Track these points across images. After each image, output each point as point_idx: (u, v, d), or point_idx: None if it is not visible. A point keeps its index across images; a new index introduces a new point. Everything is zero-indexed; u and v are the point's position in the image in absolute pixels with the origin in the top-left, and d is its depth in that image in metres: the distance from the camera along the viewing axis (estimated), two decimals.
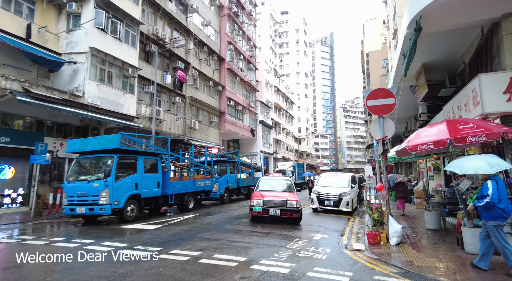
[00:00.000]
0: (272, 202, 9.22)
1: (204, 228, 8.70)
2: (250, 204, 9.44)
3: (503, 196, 4.74)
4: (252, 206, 9.34)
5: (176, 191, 11.93)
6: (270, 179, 11.83)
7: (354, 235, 8.34)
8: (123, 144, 9.64)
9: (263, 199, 9.33)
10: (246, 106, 33.82)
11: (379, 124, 7.75)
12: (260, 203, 9.24)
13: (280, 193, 10.05)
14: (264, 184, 10.85)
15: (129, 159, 10.09)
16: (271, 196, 9.50)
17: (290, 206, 9.19)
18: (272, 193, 10.02)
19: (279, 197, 9.47)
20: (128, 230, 8.25)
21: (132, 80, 18.01)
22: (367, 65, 47.96)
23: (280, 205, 9.19)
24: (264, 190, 10.26)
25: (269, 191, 10.22)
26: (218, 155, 17.36)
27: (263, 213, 9.19)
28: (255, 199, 9.45)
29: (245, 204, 15.95)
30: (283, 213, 9.14)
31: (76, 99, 14.46)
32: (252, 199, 9.54)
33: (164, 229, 8.43)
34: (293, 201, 9.27)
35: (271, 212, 9.12)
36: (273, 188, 10.54)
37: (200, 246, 6.36)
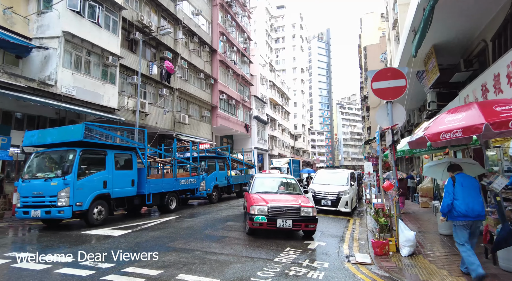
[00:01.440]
0: (280, 210, 6.75)
1: (180, 234, 7.40)
2: (249, 212, 6.83)
3: (459, 194, 4.56)
4: (252, 215, 6.71)
5: (155, 189, 10.61)
6: (268, 177, 9.40)
7: (356, 241, 7.10)
8: (89, 135, 8.29)
9: (268, 205, 6.78)
10: (240, 100, 32.47)
11: (387, 110, 6.49)
12: (264, 211, 6.68)
13: (285, 196, 7.56)
14: (260, 184, 8.38)
15: (96, 153, 8.75)
16: (278, 201, 7.06)
17: (306, 214, 6.78)
18: (275, 196, 7.56)
19: (289, 203, 7.04)
20: (88, 237, 6.94)
21: (113, 69, 16.59)
22: (365, 59, 46.78)
23: (291, 214, 6.75)
24: (263, 192, 7.80)
25: (269, 193, 7.79)
26: (206, 150, 16.04)
27: (269, 225, 6.69)
28: (257, 204, 6.83)
29: (234, 204, 14.67)
30: (295, 225, 6.72)
31: (47, 88, 13.05)
32: (252, 204, 6.89)
33: (132, 235, 7.12)
34: (308, 208, 6.84)
35: (279, 223, 6.62)
36: (273, 189, 8.14)
37: (166, 260, 5.07)
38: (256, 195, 7.63)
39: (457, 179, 4.68)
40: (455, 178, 4.71)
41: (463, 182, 4.63)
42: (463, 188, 4.57)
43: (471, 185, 4.64)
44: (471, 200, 4.49)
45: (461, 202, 4.50)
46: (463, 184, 4.61)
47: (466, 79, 8.91)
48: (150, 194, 10.34)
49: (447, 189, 4.69)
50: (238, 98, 31.93)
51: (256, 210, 6.75)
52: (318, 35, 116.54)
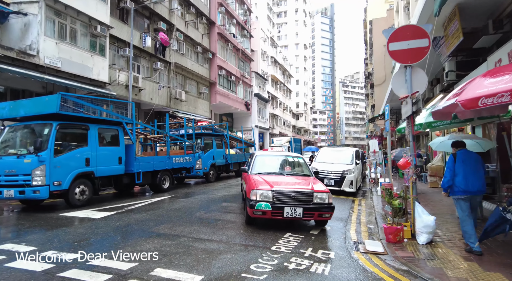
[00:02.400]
0: (288, 195, 5.43)
1: (169, 216, 6.68)
2: (250, 198, 5.52)
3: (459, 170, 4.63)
4: (253, 201, 5.42)
5: (145, 168, 9.84)
6: (271, 155, 7.89)
7: (363, 225, 6.36)
8: (66, 107, 7.41)
9: (272, 189, 5.47)
10: (240, 77, 31.22)
11: (405, 76, 5.54)
12: (268, 196, 5.40)
13: (293, 179, 6.35)
14: (262, 163, 7.07)
15: (76, 127, 7.89)
16: (286, 184, 5.81)
17: (320, 201, 5.48)
18: (280, 177, 6.29)
19: (298, 186, 5.77)
20: (65, 220, 6.22)
21: (102, 40, 15.43)
22: (370, 34, 44.81)
23: (302, 200, 5.44)
24: (266, 173, 6.52)
25: (273, 174, 6.52)
26: (202, 126, 15.17)
27: (274, 214, 5.39)
28: (259, 188, 5.52)
29: (232, 183, 13.99)
30: (307, 214, 5.41)
31: (28, 58, 12.02)
32: (252, 188, 5.58)
33: (114, 218, 6.40)
34: (322, 193, 5.55)
35: (287, 212, 5.33)
36: (278, 170, 6.90)
37: (145, 249, 4.33)
38: (257, 176, 6.25)
39: (458, 155, 4.76)
40: (456, 154, 4.79)
41: (464, 158, 4.68)
42: (463, 164, 4.62)
43: (472, 161, 4.68)
44: (471, 175, 4.54)
45: (461, 177, 4.57)
46: (464, 160, 4.66)
47: (492, 44, 7.85)
48: (140, 173, 9.59)
49: (448, 165, 4.78)
50: (238, 75, 30.67)
51: (258, 196, 5.39)
52: (321, 10, 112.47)
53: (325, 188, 5.93)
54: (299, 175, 6.79)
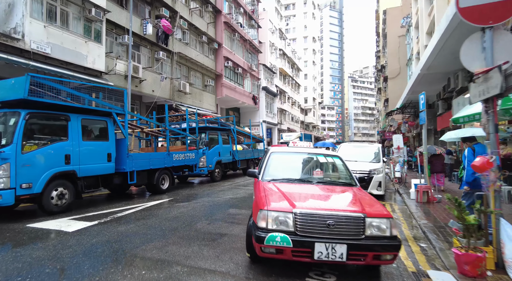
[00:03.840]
0: (323, 221, 3.17)
1: (162, 229, 5.29)
2: (257, 223, 3.27)
3: None
4: (262, 230, 3.20)
5: (140, 166, 8.48)
6: (292, 152, 5.19)
7: (412, 243, 4.88)
8: (38, 92, 6.04)
9: (294, 210, 3.24)
10: (247, 69, 29.69)
11: (482, 43, 4.01)
12: (287, 223, 3.20)
13: (328, 191, 4.02)
14: (280, 164, 4.79)
15: (53, 117, 6.52)
16: (317, 202, 3.59)
17: (377, 232, 3.21)
18: (307, 188, 4.07)
19: (339, 205, 3.50)
20: (28, 234, 4.86)
21: (97, 25, 14.07)
22: (384, 25, 42.72)
23: (347, 231, 3.17)
24: (284, 180, 4.31)
25: (296, 182, 4.32)
26: (206, 119, 13.77)
27: (297, 253, 3.15)
28: (271, 208, 3.28)
29: (240, 182, 12.59)
30: (354, 255, 3.13)
31: (11, 42, 10.71)
32: (262, 207, 3.33)
33: (92, 231, 5.03)
34: (381, 219, 3.25)
35: (319, 251, 3.08)
36: (302, 175, 4.66)
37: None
38: (271, 185, 4.06)
39: (477, 149, 4.75)
40: (474, 148, 4.78)
41: (481, 152, 4.64)
42: None
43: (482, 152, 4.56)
44: None
45: None
46: (481, 153, 4.55)
47: None
48: (134, 172, 8.23)
49: (469, 158, 4.71)
50: (245, 67, 29.14)
51: (270, 221, 3.20)
52: (330, 3, 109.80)
53: (384, 208, 3.48)
54: (336, 184, 4.37)
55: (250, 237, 3.55)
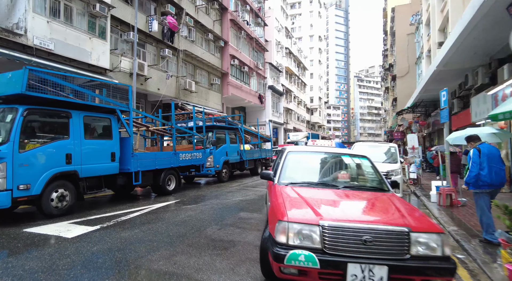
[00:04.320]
0: (357, 236, 2.57)
1: (170, 235, 4.86)
2: (275, 237, 2.70)
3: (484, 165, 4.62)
4: (281, 246, 2.63)
5: (145, 166, 8.07)
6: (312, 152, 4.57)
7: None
8: (37, 87, 5.65)
9: (322, 222, 2.65)
10: (254, 68, 29.23)
11: None
12: (312, 238, 2.61)
13: (358, 198, 3.46)
14: (298, 166, 4.24)
15: (53, 114, 6.12)
16: (347, 211, 3.02)
17: (425, 251, 2.58)
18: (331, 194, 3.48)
19: (375, 217, 2.93)
20: (23, 241, 4.46)
21: (102, 21, 13.73)
22: (392, 23, 41.97)
23: (388, 249, 2.56)
24: (305, 184, 3.74)
25: (318, 186, 3.71)
26: (213, 118, 13.34)
27: (324, 276, 2.57)
28: (292, 219, 2.71)
29: (249, 183, 12.14)
30: (397, 279, 2.54)
31: (14, 38, 10.39)
32: (280, 217, 2.75)
33: (94, 238, 4.61)
34: (430, 234, 2.62)
35: (352, 274, 2.49)
36: (325, 178, 4.07)
37: None
38: (289, 190, 3.48)
39: (482, 149, 4.72)
40: (479, 148, 4.75)
41: (488, 153, 4.67)
42: (489, 159, 4.61)
43: (494, 155, 4.69)
44: (495, 169, 4.57)
45: (487, 171, 4.57)
46: (488, 154, 4.65)
47: None
48: (139, 172, 7.82)
49: (474, 159, 4.70)
50: (252, 65, 28.69)
51: (290, 234, 2.65)
52: (336, 2, 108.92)
53: (431, 221, 2.93)
54: (366, 189, 3.75)
55: (266, 253, 2.97)
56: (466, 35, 9.39)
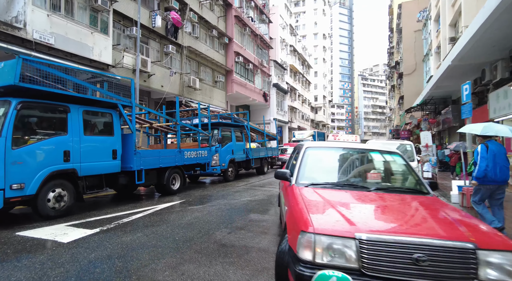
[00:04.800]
0: (407, 253, 2.01)
1: (175, 239, 4.42)
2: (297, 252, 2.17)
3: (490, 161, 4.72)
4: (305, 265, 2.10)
5: (149, 164, 7.65)
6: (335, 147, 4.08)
7: None
8: (32, 78, 5.23)
9: (359, 234, 2.09)
10: (258, 65, 28.76)
11: None
12: (346, 255, 2.07)
13: (397, 203, 2.79)
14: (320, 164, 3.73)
15: (50, 108, 5.70)
16: (388, 220, 2.42)
17: (499, 274, 1.96)
18: (362, 197, 2.92)
19: (426, 229, 2.28)
20: (14, 246, 4.04)
21: (104, 15, 13.33)
22: (398, 20, 41.28)
23: (447, 271, 1.98)
24: (328, 185, 3.18)
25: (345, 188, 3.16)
26: (219, 115, 12.90)
27: None
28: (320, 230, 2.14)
29: (255, 182, 11.70)
30: None
31: (12, 31, 10.01)
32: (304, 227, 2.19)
33: (92, 242, 4.18)
34: (503, 252, 2.02)
35: None
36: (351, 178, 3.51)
37: None
38: (311, 191, 3.01)
39: (490, 146, 4.81)
40: (487, 145, 4.84)
41: (495, 149, 4.79)
42: (495, 155, 4.74)
43: (500, 152, 4.83)
44: (499, 166, 4.69)
45: (492, 168, 4.69)
46: (495, 151, 4.77)
47: None
48: (142, 170, 7.40)
49: (482, 154, 4.78)
50: (256, 62, 28.22)
51: (319, 249, 2.10)
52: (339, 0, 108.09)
53: (500, 234, 2.28)
54: (402, 192, 3.15)
55: (284, 270, 2.44)
56: (486, 27, 8.88)
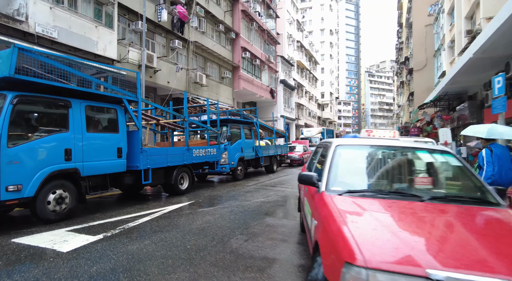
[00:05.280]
0: None
1: (187, 248, 3.96)
2: None
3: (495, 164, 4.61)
4: None
5: (156, 163, 7.20)
6: (373, 146, 3.28)
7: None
8: (28, 70, 4.78)
9: (431, 272, 1.47)
10: (265, 61, 28.19)
11: None
12: None
13: (465, 220, 2.18)
14: (354, 166, 3.10)
15: (49, 103, 5.26)
16: (468, 254, 1.64)
17: None
18: (416, 209, 2.28)
19: None
20: (7, 255, 3.61)
21: (109, 8, 12.91)
22: (408, 14, 40.30)
23: None
24: (368, 193, 2.59)
25: (388, 196, 2.53)
26: (228, 111, 12.41)
27: None
28: (375, 263, 1.54)
29: (266, 181, 11.21)
30: None
31: (14, 24, 9.63)
32: (347, 258, 1.63)
33: (94, 252, 3.74)
34: None
35: None
36: (393, 184, 2.91)
37: None
38: (349, 203, 2.38)
39: (494, 149, 4.77)
40: (491, 148, 4.80)
41: (499, 152, 4.74)
42: (499, 158, 4.69)
43: (505, 155, 4.77)
44: (505, 169, 4.66)
45: (497, 171, 4.64)
46: (500, 154, 4.72)
47: None
48: (149, 170, 6.96)
49: (488, 159, 4.71)
50: (263, 58, 27.66)
51: None
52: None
53: None
54: (464, 202, 2.49)
55: None
56: None
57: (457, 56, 20.18)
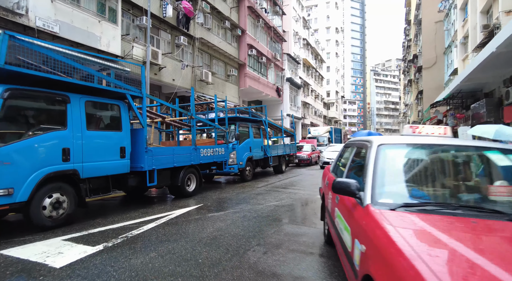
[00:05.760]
0: None
1: (198, 261, 3.45)
2: None
3: None
4: None
5: (162, 163, 6.70)
6: (426, 146, 2.63)
7: None
8: (22, 61, 4.31)
9: None
10: (271, 58, 27.64)
11: None
12: None
13: None
14: (405, 172, 2.49)
15: (45, 98, 4.77)
16: None
17: None
18: (499, 230, 1.78)
19: None
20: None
21: (113, 3, 12.47)
22: (417, 11, 39.47)
23: None
24: (426, 207, 2.02)
25: (457, 212, 1.94)
26: (236, 109, 11.91)
27: None
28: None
29: (276, 183, 10.68)
30: None
31: (13, 18, 9.19)
32: None
33: (93, 266, 3.24)
34: None
35: None
36: (469, 197, 2.27)
37: None
38: (409, 221, 1.83)
39: None
40: None
41: None
42: None
43: None
44: None
45: None
46: None
47: None
48: (154, 171, 6.47)
49: None
50: (269, 56, 27.10)
51: None
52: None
53: None
54: None
55: None
56: None
57: (471, 52, 19.48)
